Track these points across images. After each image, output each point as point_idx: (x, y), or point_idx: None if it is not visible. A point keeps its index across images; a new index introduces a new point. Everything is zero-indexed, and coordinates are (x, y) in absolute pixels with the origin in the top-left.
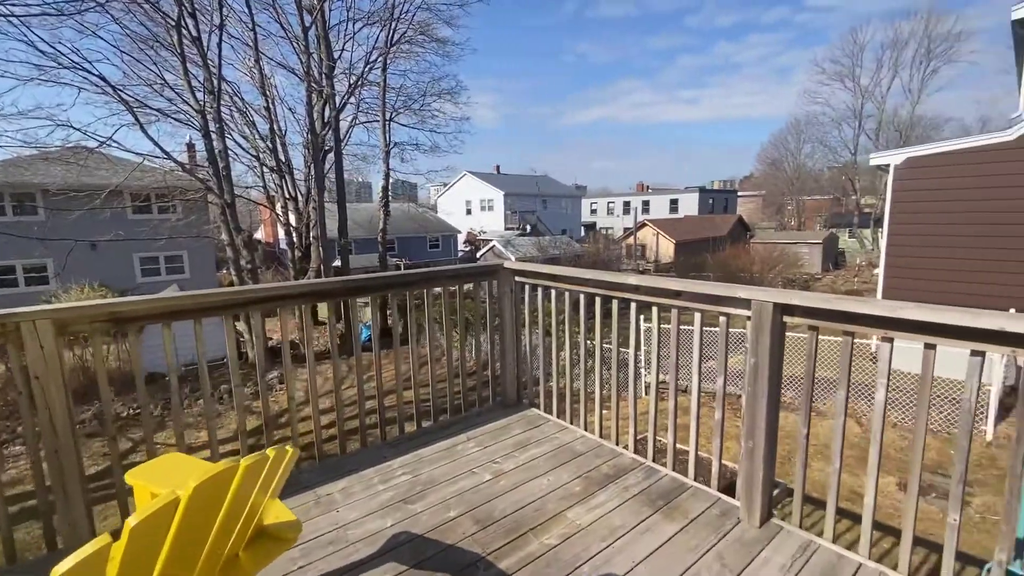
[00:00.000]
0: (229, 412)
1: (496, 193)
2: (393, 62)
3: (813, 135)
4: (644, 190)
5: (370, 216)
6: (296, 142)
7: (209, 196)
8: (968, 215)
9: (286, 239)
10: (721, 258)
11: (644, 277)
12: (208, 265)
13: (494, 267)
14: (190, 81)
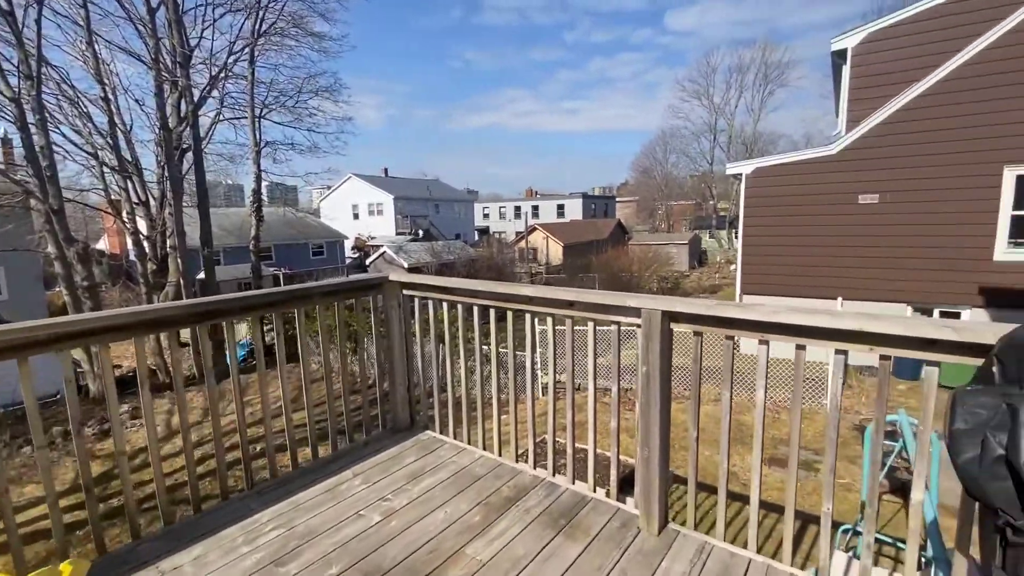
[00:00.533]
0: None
1: (385, 197)
2: (263, 54)
3: (677, 146)
4: (533, 195)
5: (241, 222)
6: (147, 139)
7: (31, 201)
8: (804, 217)
9: (135, 250)
10: (605, 259)
11: (538, 288)
12: (33, 284)
13: (377, 280)
14: (0, 64)
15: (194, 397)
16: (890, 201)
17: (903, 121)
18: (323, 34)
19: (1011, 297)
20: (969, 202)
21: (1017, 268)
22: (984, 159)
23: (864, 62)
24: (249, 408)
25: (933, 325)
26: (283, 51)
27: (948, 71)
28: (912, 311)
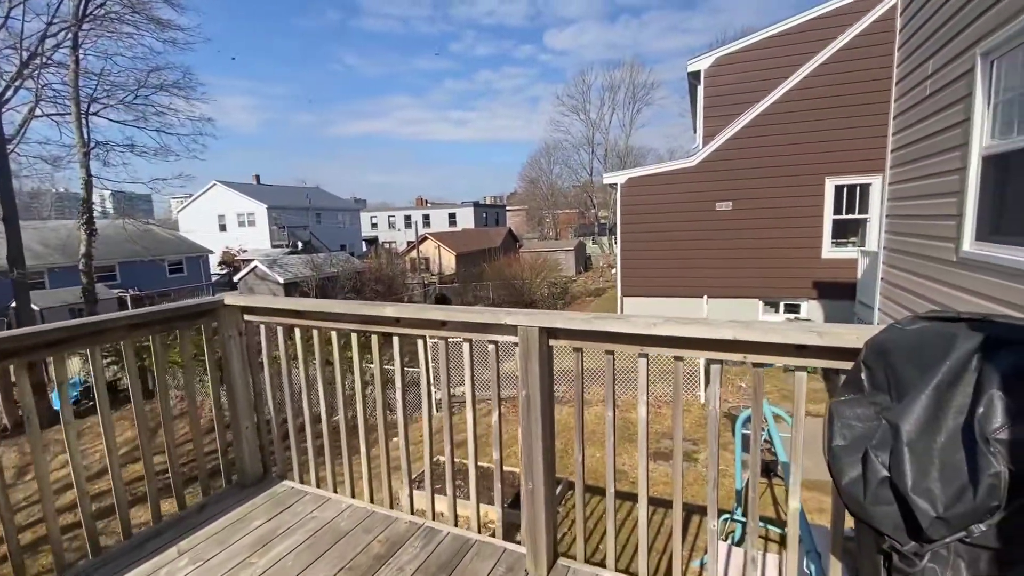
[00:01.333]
0: None
1: (257, 206)
2: (90, 41)
3: (560, 158)
4: (424, 204)
5: (68, 236)
6: None
7: None
8: (672, 223)
9: None
10: (498, 267)
11: (404, 307)
12: None
13: (209, 306)
14: None
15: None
16: (741, 208)
17: (748, 137)
18: (169, 22)
19: (836, 289)
20: (802, 208)
21: (839, 264)
22: (811, 171)
23: (715, 83)
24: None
25: (801, 330)
26: (119, 39)
27: (780, 94)
28: (763, 305)
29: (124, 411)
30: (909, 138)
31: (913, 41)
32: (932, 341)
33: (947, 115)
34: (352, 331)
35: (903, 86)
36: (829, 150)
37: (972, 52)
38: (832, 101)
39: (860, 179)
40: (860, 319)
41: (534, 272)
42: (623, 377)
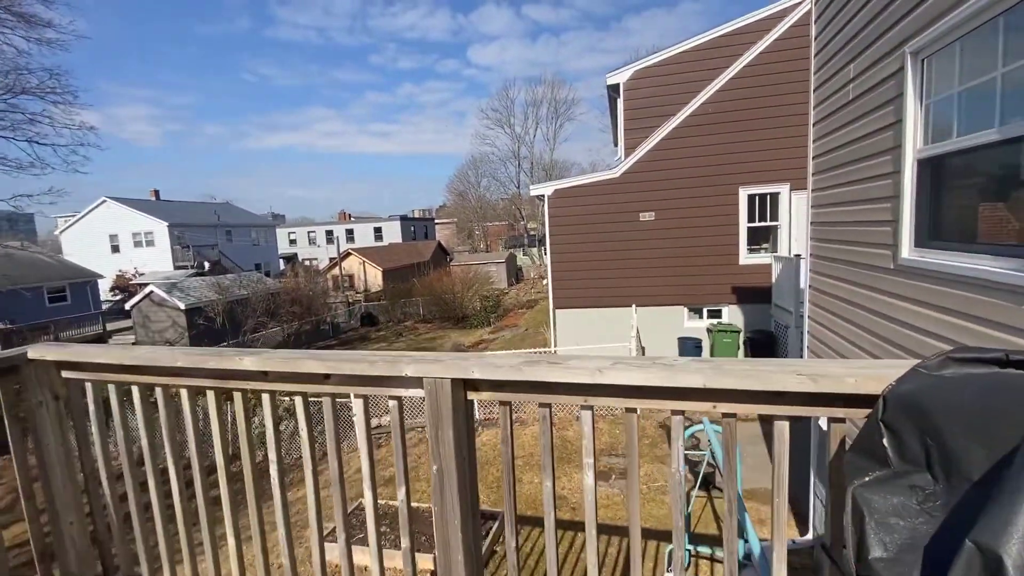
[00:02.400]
0: None
1: (156, 224)
2: None
3: (487, 171)
4: (347, 219)
5: None
6: None
7: None
8: (600, 234)
9: None
10: (427, 282)
11: (271, 357)
12: None
13: (6, 362)
14: None
15: None
16: (664, 217)
17: (666, 148)
18: (35, 17)
19: (753, 293)
20: (719, 217)
21: (755, 270)
22: (726, 181)
23: (634, 96)
24: None
25: (784, 372)
26: None
27: (695, 107)
28: (688, 312)
29: None
30: (832, 144)
31: (831, 46)
32: (999, 401)
33: (875, 118)
34: (208, 388)
35: (822, 92)
36: (741, 160)
37: (900, 52)
38: (743, 114)
39: (771, 188)
40: (777, 321)
41: (465, 286)
42: None
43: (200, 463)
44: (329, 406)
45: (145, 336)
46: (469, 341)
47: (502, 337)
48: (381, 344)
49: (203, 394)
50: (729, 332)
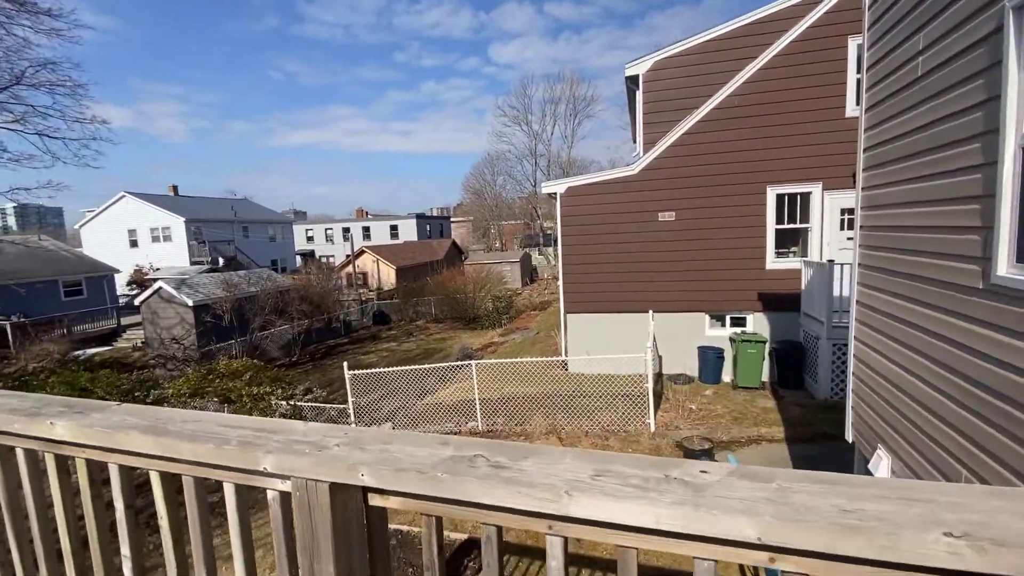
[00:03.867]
0: None
1: (174, 220)
2: None
3: (503, 168)
4: (364, 216)
5: None
6: None
7: None
8: (615, 235)
9: None
10: (440, 281)
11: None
12: None
13: None
14: None
15: None
16: (685, 218)
17: (687, 144)
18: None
19: (780, 300)
20: (745, 218)
21: (783, 275)
22: (752, 179)
23: (654, 88)
24: None
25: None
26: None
27: (719, 100)
28: (710, 319)
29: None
30: (891, 132)
31: (892, 14)
32: None
33: (957, 96)
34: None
35: (878, 71)
36: (770, 157)
37: (998, 7)
38: (772, 107)
39: (801, 187)
40: (806, 331)
41: (477, 286)
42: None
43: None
44: (192, 488)
45: (154, 333)
46: (479, 343)
47: (512, 340)
48: (391, 343)
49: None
50: (754, 342)
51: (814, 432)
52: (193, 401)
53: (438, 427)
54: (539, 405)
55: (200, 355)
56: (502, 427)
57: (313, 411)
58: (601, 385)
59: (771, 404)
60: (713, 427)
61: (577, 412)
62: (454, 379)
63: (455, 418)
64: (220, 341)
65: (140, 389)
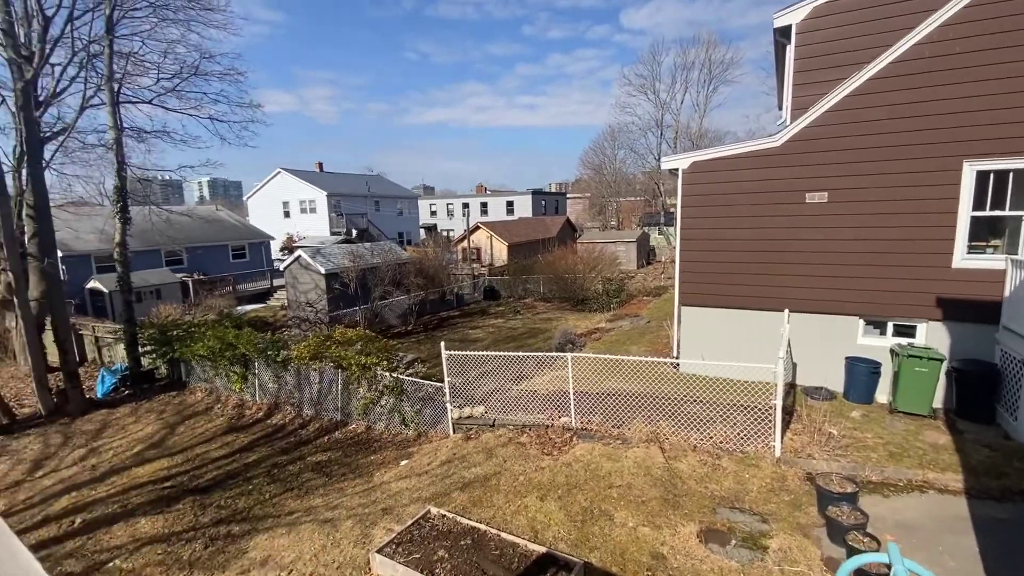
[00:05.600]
0: None
1: (318, 194)
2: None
3: (625, 142)
4: (484, 192)
5: (144, 223)
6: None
7: None
8: (746, 218)
9: None
10: (551, 259)
11: None
12: None
13: None
14: None
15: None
16: (841, 200)
17: (851, 108)
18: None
19: (969, 309)
20: (926, 201)
21: (976, 276)
22: (941, 152)
23: (810, 40)
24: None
25: None
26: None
27: (901, 51)
28: (864, 324)
29: (155, 401)
30: None
31: None
32: None
33: None
34: None
35: None
36: (971, 123)
37: None
38: (980, 58)
39: (1015, 162)
40: (1006, 352)
41: (588, 266)
42: (656, 409)
43: None
44: None
45: (294, 295)
46: (584, 327)
47: (619, 328)
48: (498, 320)
49: None
50: (926, 359)
51: (1007, 487)
52: (313, 363)
53: (530, 417)
54: (641, 406)
55: (329, 319)
56: (597, 427)
57: (412, 387)
58: (716, 391)
59: (945, 440)
60: (859, 462)
61: (685, 420)
62: (552, 365)
63: (548, 409)
64: (346, 307)
65: (272, 348)
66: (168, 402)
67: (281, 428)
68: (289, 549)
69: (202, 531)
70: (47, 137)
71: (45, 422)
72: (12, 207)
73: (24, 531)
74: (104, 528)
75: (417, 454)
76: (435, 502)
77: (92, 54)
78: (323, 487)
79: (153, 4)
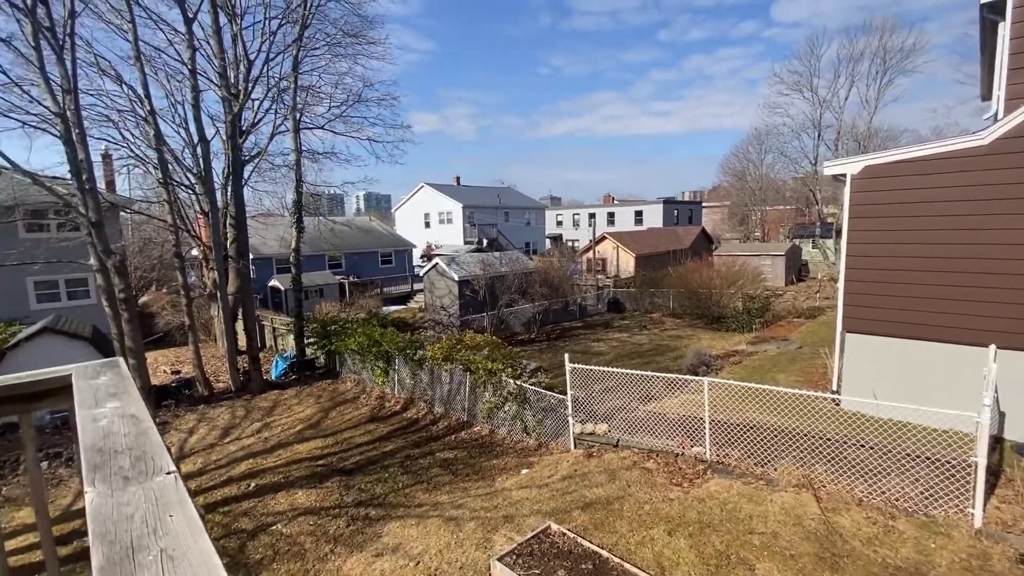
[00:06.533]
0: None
1: (454, 205)
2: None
3: (774, 145)
4: (610, 201)
5: (314, 231)
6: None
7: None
8: (936, 231)
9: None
10: (682, 272)
11: None
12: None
13: (52, 382)
14: (48, 80)
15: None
16: None
17: None
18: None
19: None
20: None
21: None
22: None
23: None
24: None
25: None
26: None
27: None
28: None
29: (314, 387)
30: None
31: None
32: None
33: None
34: None
35: None
36: None
37: None
38: None
39: None
40: None
41: (726, 281)
42: (808, 453)
43: None
44: None
45: (430, 300)
46: (720, 348)
47: (763, 352)
48: (622, 334)
49: None
50: None
51: None
52: (444, 364)
53: (658, 442)
54: (791, 445)
55: (460, 323)
56: (736, 463)
57: (535, 396)
58: (888, 435)
59: None
60: None
61: (848, 467)
62: (684, 388)
63: (679, 436)
64: (475, 312)
65: (410, 348)
66: (324, 388)
67: (415, 422)
68: (417, 541)
69: (345, 510)
70: (246, 160)
71: (233, 396)
72: (220, 218)
73: (214, 488)
74: (271, 494)
75: (537, 464)
76: (555, 518)
77: (281, 89)
78: (449, 484)
79: (328, 43)
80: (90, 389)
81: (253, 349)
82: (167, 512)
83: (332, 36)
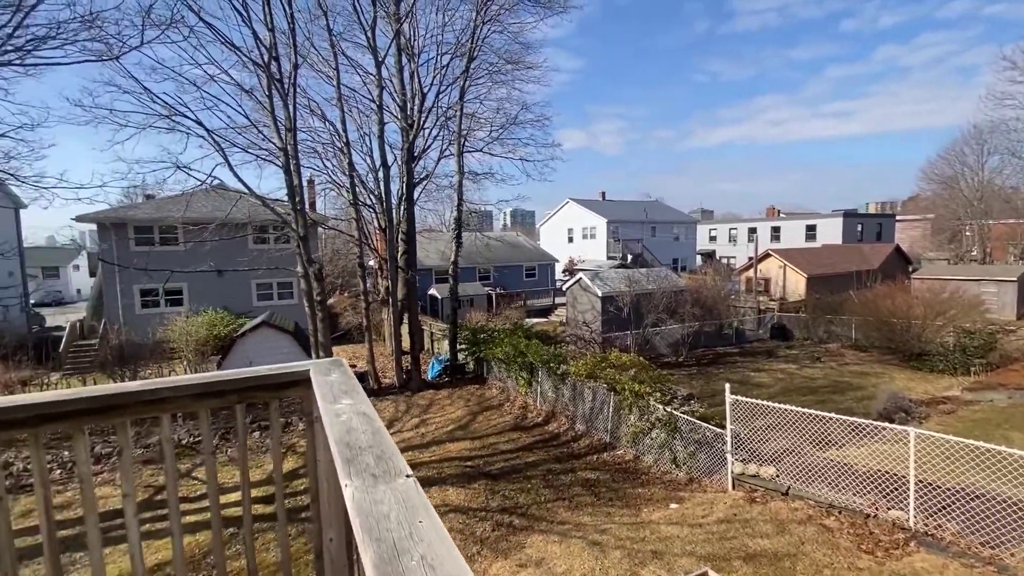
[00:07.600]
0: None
1: (599, 220)
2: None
3: (1001, 145)
4: (775, 215)
5: (468, 246)
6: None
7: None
8: None
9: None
10: (868, 298)
11: None
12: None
13: (291, 376)
14: (276, 121)
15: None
16: None
17: None
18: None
19: None
20: None
21: None
22: None
23: None
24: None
25: None
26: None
27: None
28: None
29: (464, 391)
30: None
31: None
32: None
33: None
34: None
35: None
36: None
37: None
38: None
39: None
40: None
41: (931, 310)
42: None
43: None
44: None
45: (572, 314)
46: (923, 391)
47: (988, 402)
48: (789, 365)
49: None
50: None
51: None
52: (588, 381)
53: (841, 497)
54: None
55: (602, 339)
56: (953, 538)
57: (687, 426)
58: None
59: None
60: None
61: None
62: (874, 436)
63: (870, 493)
64: (618, 330)
65: (554, 361)
66: (473, 392)
67: (556, 436)
68: (561, 559)
69: (491, 514)
70: (416, 182)
71: (396, 392)
72: (394, 233)
73: None
74: (426, 488)
75: (688, 501)
76: (712, 564)
77: (448, 117)
78: (591, 506)
79: (490, 72)
80: (326, 384)
81: (415, 351)
82: (416, 517)
83: (494, 64)
